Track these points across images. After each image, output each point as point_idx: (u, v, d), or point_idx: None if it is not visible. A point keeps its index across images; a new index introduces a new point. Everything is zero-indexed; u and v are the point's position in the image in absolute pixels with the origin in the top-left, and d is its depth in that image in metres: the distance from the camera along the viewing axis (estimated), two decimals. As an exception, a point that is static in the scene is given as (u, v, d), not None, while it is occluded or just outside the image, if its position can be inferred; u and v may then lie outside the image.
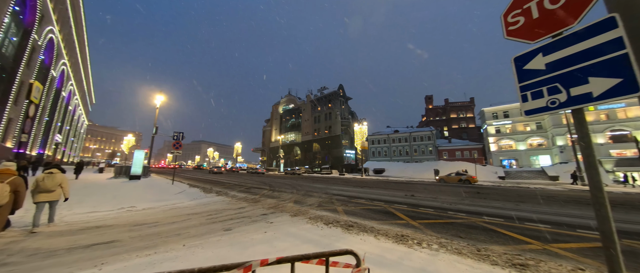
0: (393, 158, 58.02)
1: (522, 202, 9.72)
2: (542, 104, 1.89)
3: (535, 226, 5.62)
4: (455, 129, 65.76)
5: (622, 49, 1.57)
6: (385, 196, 11.22)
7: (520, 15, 2.18)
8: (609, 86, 1.58)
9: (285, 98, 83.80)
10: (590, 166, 1.63)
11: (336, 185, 18.19)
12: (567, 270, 3.07)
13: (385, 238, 4.33)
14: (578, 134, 1.68)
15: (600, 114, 35.77)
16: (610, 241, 1.53)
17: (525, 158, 43.01)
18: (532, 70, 1.99)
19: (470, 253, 3.62)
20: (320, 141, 65.87)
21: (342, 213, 6.83)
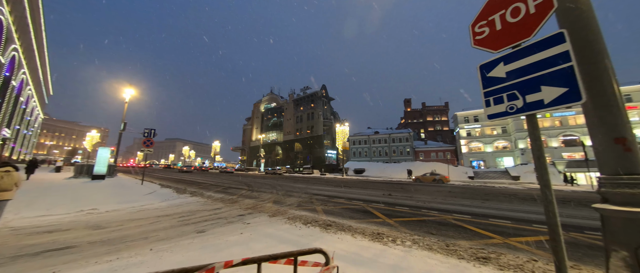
0: (373, 158, 59.55)
1: (487, 200, 10.49)
2: (502, 109, 2.05)
3: (498, 222, 6.09)
4: (431, 131, 69.22)
5: (569, 62, 1.75)
6: (364, 195, 11.48)
7: (485, 26, 2.34)
8: (558, 95, 1.76)
9: (267, 97, 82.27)
10: (541, 167, 1.80)
11: (317, 184, 18.24)
12: (523, 262, 3.36)
13: (362, 236, 4.42)
14: (531, 137, 1.84)
15: (555, 121, 39.87)
16: (556, 234, 1.69)
17: (492, 160, 46.52)
18: (495, 77, 2.15)
19: (440, 249, 3.82)
20: (302, 141, 65.65)
21: (321, 213, 6.85)
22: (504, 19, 2.19)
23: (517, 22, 2.10)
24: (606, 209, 1.81)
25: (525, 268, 3.13)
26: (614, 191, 1.80)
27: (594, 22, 2.00)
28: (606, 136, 1.89)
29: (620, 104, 1.86)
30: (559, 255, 1.64)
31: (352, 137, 62.87)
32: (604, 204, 1.85)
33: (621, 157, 1.84)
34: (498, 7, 2.25)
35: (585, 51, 1.99)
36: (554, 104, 1.78)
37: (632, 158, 1.80)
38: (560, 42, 1.79)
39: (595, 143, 1.93)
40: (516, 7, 2.12)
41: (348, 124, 40.04)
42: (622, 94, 2.61)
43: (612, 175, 1.85)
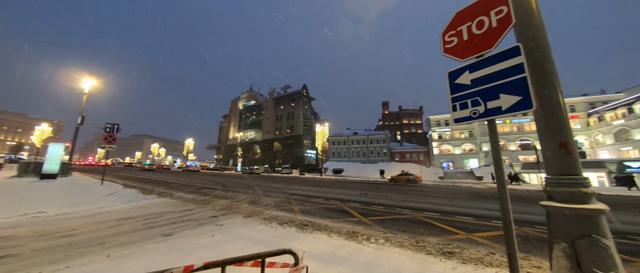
0: (351, 158, 60.74)
1: (454, 199, 11.25)
2: (466, 114, 2.21)
3: (463, 219, 6.56)
4: (407, 133, 72.55)
5: (523, 73, 1.94)
6: (341, 195, 11.65)
7: (454, 36, 2.50)
8: (513, 102, 1.94)
9: (246, 94, 79.85)
10: (498, 168, 1.96)
11: (295, 184, 18.12)
12: (482, 255, 3.65)
13: (337, 235, 4.47)
14: (491, 141, 2.01)
15: (513, 127, 44.10)
16: (509, 228, 1.86)
17: (460, 161, 50.05)
18: (461, 84, 2.31)
19: (411, 245, 4.00)
20: (281, 140, 64.81)
21: (298, 213, 6.81)
22: (470, 30, 2.36)
23: (481, 34, 2.27)
24: (550, 206, 2.03)
25: (485, 261, 3.40)
26: (556, 189, 2.03)
27: (545, 38, 2.23)
28: (552, 140, 2.13)
29: (564, 113, 2.10)
30: (511, 248, 1.80)
31: (332, 137, 63.54)
32: (549, 201, 2.07)
33: (564, 160, 2.08)
34: (465, 19, 2.42)
35: (536, 64, 2.21)
36: (510, 111, 1.95)
37: (572, 161, 2.04)
38: (516, 55, 1.97)
39: (543, 147, 2.15)
40: (481, 20, 2.29)
41: (328, 125, 40.38)
42: (566, 104, 2.98)
43: (555, 175, 2.08)
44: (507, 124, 44.12)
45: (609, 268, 1.73)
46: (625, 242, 4.73)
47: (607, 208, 1.86)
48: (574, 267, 1.86)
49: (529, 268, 3.21)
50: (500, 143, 2.18)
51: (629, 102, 34.47)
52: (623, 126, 34.68)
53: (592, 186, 1.98)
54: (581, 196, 1.93)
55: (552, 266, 2.02)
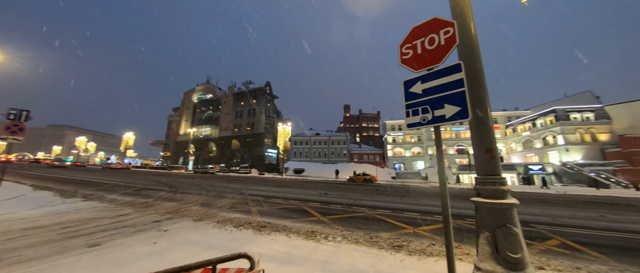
0: (313, 158, 61.38)
1: (404, 197, 12.37)
2: (417, 120, 2.46)
3: (411, 215, 7.26)
4: (365, 136, 76.88)
5: (463, 87, 2.24)
6: (302, 195, 11.65)
7: (410, 49, 2.75)
8: (454, 112, 2.23)
9: (202, 86, 73.35)
10: (440, 169, 2.23)
11: (254, 184, 17.42)
12: (426, 246, 4.09)
13: (296, 235, 4.45)
14: (436, 145, 2.27)
15: (452, 134, 50.91)
16: (447, 222, 2.13)
17: (410, 163, 55.36)
18: (414, 93, 2.56)
19: (365, 241, 4.24)
20: (240, 138, 61.53)
21: (256, 214, 6.56)
22: (423, 45, 2.63)
23: (432, 49, 2.55)
24: (477, 201, 2.40)
25: (427, 251, 3.82)
26: (483, 187, 2.41)
27: (480, 58, 2.63)
28: (481, 146, 2.52)
29: (491, 124, 2.50)
30: (448, 239, 2.07)
31: (294, 137, 63.16)
32: (477, 197, 2.45)
33: (489, 162, 2.48)
34: (420, 34, 2.69)
35: (472, 80, 2.59)
36: (452, 119, 2.23)
37: (495, 163, 2.45)
38: (458, 71, 2.27)
39: (474, 152, 2.53)
40: (432, 37, 2.57)
41: (291, 124, 40.00)
42: (492, 116, 3.62)
43: (483, 176, 2.46)
44: (447, 131, 50.73)
45: (517, 251, 2.13)
46: (526, 229, 5.90)
47: (518, 202, 2.29)
48: (494, 252, 2.23)
49: (460, 255, 3.72)
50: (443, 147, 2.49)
51: (533, 118, 43.26)
52: (529, 137, 43.37)
53: (508, 184, 2.41)
54: (500, 192, 2.33)
55: (478, 252, 2.38)
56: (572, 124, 36.97)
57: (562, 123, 37.22)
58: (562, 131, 37.03)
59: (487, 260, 2.27)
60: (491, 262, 2.22)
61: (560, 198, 14.66)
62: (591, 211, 9.01)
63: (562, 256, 4.00)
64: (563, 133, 36.92)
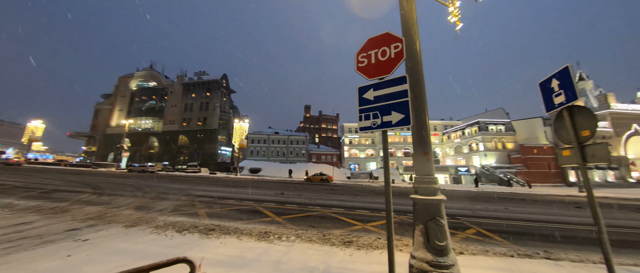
0: (270, 158, 59.86)
1: (357, 195, 13.14)
2: (369, 124, 2.67)
3: (362, 212, 7.76)
4: (324, 137, 78.76)
5: (407, 97, 2.53)
6: (257, 195, 11.26)
7: (365, 58, 2.97)
8: (399, 119, 2.50)
9: (144, 72, 63.90)
10: (386, 170, 2.47)
11: (203, 185, 16.04)
12: (373, 240, 4.44)
13: (248, 237, 4.29)
14: (383, 147, 2.51)
15: (401, 138, 56.38)
16: (389, 217, 2.37)
17: (364, 164, 59.03)
18: (367, 99, 2.77)
19: (318, 239, 4.37)
20: (189, 134, 55.81)
21: (204, 217, 6.06)
22: (376, 56, 2.87)
23: (384, 61, 2.80)
24: (415, 198, 2.74)
25: (373, 245, 4.15)
26: (419, 186, 2.76)
27: (422, 73, 3.01)
28: (420, 149, 2.88)
29: (428, 130, 2.89)
30: (390, 232, 2.30)
31: (252, 135, 60.54)
32: (415, 195, 2.79)
33: (425, 164, 2.85)
34: (374, 46, 2.92)
35: (415, 91, 2.95)
36: (397, 125, 2.50)
37: (430, 165, 2.83)
38: (404, 83, 2.55)
39: (414, 154, 2.88)
40: (384, 50, 2.83)
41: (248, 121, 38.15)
42: (430, 124, 4.21)
43: (420, 175, 2.82)
44: (397, 135, 56.02)
45: (443, 240, 2.50)
46: (452, 221, 6.95)
47: (445, 199, 2.70)
48: (425, 242, 2.57)
49: (401, 246, 4.16)
50: (390, 150, 2.77)
51: (462, 127, 51.14)
52: (459, 143, 51.10)
53: (439, 183, 2.81)
54: (433, 190, 2.71)
55: (414, 242, 2.72)
56: (490, 134, 45.09)
57: (483, 133, 45.05)
58: (482, 140, 44.80)
59: (420, 249, 2.60)
60: (423, 250, 2.57)
61: (480, 194, 17.67)
62: (499, 205, 11.15)
63: (477, 242, 4.85)
64: (483, 141, 44.72)
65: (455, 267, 2.44)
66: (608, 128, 41.35)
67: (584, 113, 3.32)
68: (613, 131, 41.28)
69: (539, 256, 3.90)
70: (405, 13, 3.27)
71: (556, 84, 3.54)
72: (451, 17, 3.74)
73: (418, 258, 2.56)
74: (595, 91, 46.20)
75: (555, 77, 3.54)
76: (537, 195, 18.85)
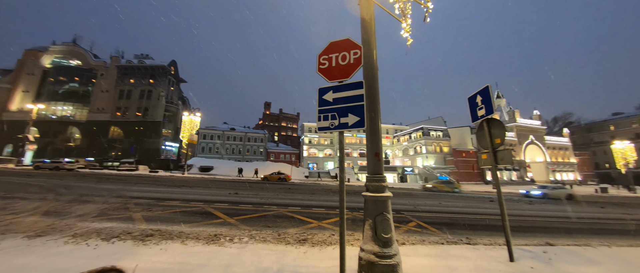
0: (225, 155, 56.08)
1: (314, 194, 13.38)
2: (327, 125, 2.77)
3: (318, 210, 7.94)
4: (284, 135, 77.64)
5: (362, 102, 2.71)
6: (207, 195, 10.42)
7: (327, 60, 3.06)
8: (355, 121, 2.66)
9: (63, 47, 52.14)
10: (340, 169, 2.60)
11: (141, 185, 14.05)
12: (327, 237, 4.60)
13: (195, 241, 3.95)
14: (339, 147, 2.63)
15: (358, 139, 59.62)
16: (342, 213, 2.50)
17: (322, 163, 60.37)
18: (326, 100, 2.86)
19: (273, 239, 4.30)
20: (125, 125, 48.00)
21: (140, 221, 5.32)
22: (337, 60, 2.99)
23: (344, 65, 2.94)
24: (366, 195, 2.95)
25: (327, 241, 4.30)
26: (370, 183, 2.98)
27: (377, 80, 3.25)
28: (372, 151, 3.11)
29: (380, 133, 3.14)
30: (342, 228, 2.43)
31: (204, 130, 55.66)
32: (366, 192, 3.01)
33: (376, 164, 3.10)
34: (335, 50, 3.03)
35: (370, 97, 3.18)
36: (353, 127, 2.65)
37: (380, 165, 3.08)
38: (360, 88, 2.73)
39: (367, 155, 3.10)
40: (344, 55, 2.97)
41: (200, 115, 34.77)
42: (382, 128, 4.60)
43: (371, 174, 3.05)
44: (353, 136, 59.05)
45: (388, 232, 2.76)
46: (397, 215, 7.71)
47: (392, 195, 2.99)
48: (374, 235, 2.80)
49: (353, 241, 4.42)
50: (347, 150, 2.93)
51: (410, 132, 57.00)
52: (406, 146, 56.79)
53: (387, 181, 3.09)
54: (382, 188, 2.96)
55: (364, 236, 2.92)
56: (431, 139, 51.41)
57: (426, 138, 51.10)
58: (425, 144, 50.78)
59: (369, 242, 2.82)
60: (371, 243, 2.79)
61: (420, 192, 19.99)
62: (435, 201, 12.83)
63: (416, 233, 5.50)
64: (425, 145, 50.72)
65: (397, 256, 2.73)
66: (514, 137, 51.81)
67: (497, 125, 4.11)
68: (517, 140, 51.93)
69: (462, 242, 4.64)
70: (365, 24, 3.49)
71: (479, 99, 4.28)
72: (404, 33, 4.17)
73: (366, 251, 2.77)
74: (506, 107, 57.26)
75: (479, 93, 4.27)
76: (463, 192, 22.35)
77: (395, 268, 2.65)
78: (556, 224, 8.04)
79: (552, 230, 6.88)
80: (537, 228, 7.15)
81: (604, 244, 4.91)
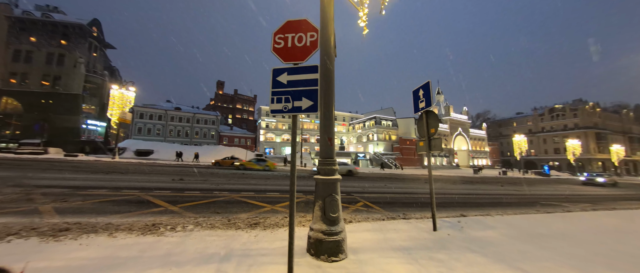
0: (169, 138, 50.01)
1: (269, 179, 13.23)
2: (280, 108, 2.69)
3: (272, 194, 7.91)
4: (239, 118, 73.07)
5: (316, 86, 2.71)
6: (145, 182, 9.22)
7: (282, 40, 2.92)
8: (308, 105, 2.66)
9: None
10: (293, 152, 2.60)
11: (52, 171, 11.55)
12: (279, 220, 4.65)
13: (126, 233, 3.50)
14: (292, 131, 2.62)
15: (316, 125, 60.51)
16: (292, 196, 2.54)
17: (279, 148, 59.62)
18: (280, 82, 2.76)
19: (222, 225, 4.13)
20: (26, 97, 37.62)
21: (50, 214, 4.40)
22: (293, 41, 2.88)
23: (300, 47, 2.85)
24: (317, 178, 3.06)
25: (279, 224, 4.36)
26: (322, 167, 3.09)
27: (333, 66, 3.29)
28: (325, 135, 3.20)
29: (333, 119, 3.23)
30: (291, 209, 2.48)
31: (141, 108, 48.14)
32: (317, 175, 3.11)
33: (328, 148, 3.21)
34: (291, 30, 2.91)
35: (325, 82, 3.21)
36: (306, 111, 2.65)
37: (332, 149, 3.20)
38: (315, 72, 2.71)
39: (320, 139, 3.18)
40: (301, 36, 2.87)
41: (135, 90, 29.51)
42: (337, 115, 4.62)
43: (323, 158, 3.16)
44: (312, 122, 59.63)
45: (335, 212, 2.95)
46: (348, 197, 8.30)
47: (341, 178, 3.16)
48: (322, 215, 2.95)
49: (305, 222, 4.58)
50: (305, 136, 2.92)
51: (364, 120, 60.63)
52: (361, 133, 60.45)
53: (337, 165, 3.25)
54: (332, 171, 3.10)
55: (313, 216, 3.06)
56: (382, 128, 55.82)
57: (378, 126, 55.21)
58: (377, 132, 54.93)
59: (318, 222, 2.97)
60: (320, 222, 2.94)
61: (370, 175, 21.79)
62: (381, 183, 14.21)
63: (363, 212, 6.03)
64: (377, 133, 54.91)
65: (343, 233, 2.96)
66: (447, 129, 60.43)
67: (433, 117, 4.68)
68: (449, 131, 60.78)
69: (400, 217, 5.32)
70: (324, 8, 3.42)
71: (421, 93, 4.78)
72: (360, 22, 4.27)
73: (315, 230, 2.92)
74: (444, 102, 65.85)
75: (422, 88, 4.76)
76: (406, 175, 25.33)
77: (340, 244, 2.88)
78: (470, 199, 9.91)
79: (467, 204, 8.46)
80: (457, 203, 8.68)
81: (499, 213, 6.30)
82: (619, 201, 12.02)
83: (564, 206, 8.93)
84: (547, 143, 70.38)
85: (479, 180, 24.34)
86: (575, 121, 66.64)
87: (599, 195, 15.13)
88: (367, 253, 3.11)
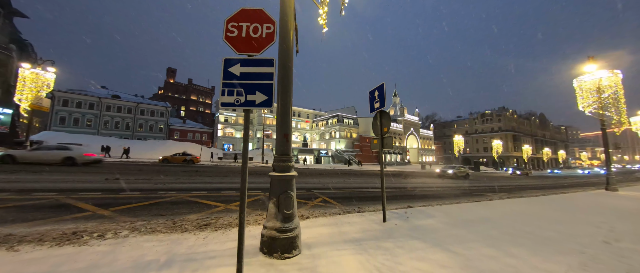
0: (104, 131, 42.82)
1: (226, 176, 12.47)
2: (232, 101, 2.53)
3: (228, 193, 7.47)
4: (193, 111, 66.72)
5: (272, 80, 2.63)
6: (66, 183, 7.73)
7: (236, 29, 2.74)
8: (263, 100, 2.57)
9: None
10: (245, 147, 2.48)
11: None
12: (233, 219, 4.42)
13: (36, 244, 2.88)
14: (244, 126, 2.49)
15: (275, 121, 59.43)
16: (243, 194, 2.43)
17: (239, 144, 56.63)
18: (233, 73, 2.59)
19: (166, 228, 3.73)
20: None
21: None
22: (248, 31, 2.72)
23: (255, 38, 2.72)
24: (272, 175, 2.99)
25: (233, 224, 4.14)
26: (277, 164, 3.04)
27: (291, 61, 3.23)
28: (281, 132, 3.14)
29: (290, 115, 3.18)
30: (242, 207, 2.37)
31: (64, 93, 40.07)
32: (273, 172, 3.04)
33: (284, 145, 3.16)
34: (247, 19, 2.75)
35: (283, 77, 3.14)
36: (260, 106, 2.55)
37: (289, 146, 3.17)
38: (271, 65, 2.63)
39: (276, 135, 3.10)
40: (256, 26, 2.74)
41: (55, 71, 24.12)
42: (302, 113, 4.57)
43: (278, 154, 3.10)
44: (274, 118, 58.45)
45: (290, 208, 2.93)
46: (307, 193, 8.36)
47: (296, 174, 3.15)
48: (276, 212, 2.90)
49: (261, 220, 4.45)
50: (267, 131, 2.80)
51: (327, 118, 61.89)
52: (324, 131, 61.54)
53: (293, 162, 3.23)
54: (288, 168, 3.06)
55: (267, 214, 2.99)
56: (344, 126, 57.85)
57: (340, 124, 57.01)
58: (339, 129, 56.70)
59: (272, 219, 2.91)
60: (274, 220, 2.89)
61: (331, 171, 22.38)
62: (341, 179, 14.74)
63: (321, 208, 6.16)
64: (339, 131, 56.71)
65: (297, 229, 2.96)
66: (401, 128, 65.96)
67: (386, 117, 5.03)
68: (403, 131, 66.47)
69: (355, 211, 5.60)
70: (283, 2, 3.31)
71: (377, 94, 5.07)
72: (320, 20, 4.29)
73: (269, 228, 2.86)
74: (399, 104, 71.60)
75: (377, 89, 5.05)
76: (364, 171, 26.80)
77: (294, 240, 2.88)
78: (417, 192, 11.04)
79: (414, 197, 9.40)
80: (406, 196, 9.57)
81: (439, 204, 7.16)
82: (527, 190, 14.90)
83: (487, 196, 10.65)
84: (479, 142, 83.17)
85: (425, 174, 27.32)
86: (500, 125, 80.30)
87: (514, 185, 18.53)
88: (321, 247, 3.19)
